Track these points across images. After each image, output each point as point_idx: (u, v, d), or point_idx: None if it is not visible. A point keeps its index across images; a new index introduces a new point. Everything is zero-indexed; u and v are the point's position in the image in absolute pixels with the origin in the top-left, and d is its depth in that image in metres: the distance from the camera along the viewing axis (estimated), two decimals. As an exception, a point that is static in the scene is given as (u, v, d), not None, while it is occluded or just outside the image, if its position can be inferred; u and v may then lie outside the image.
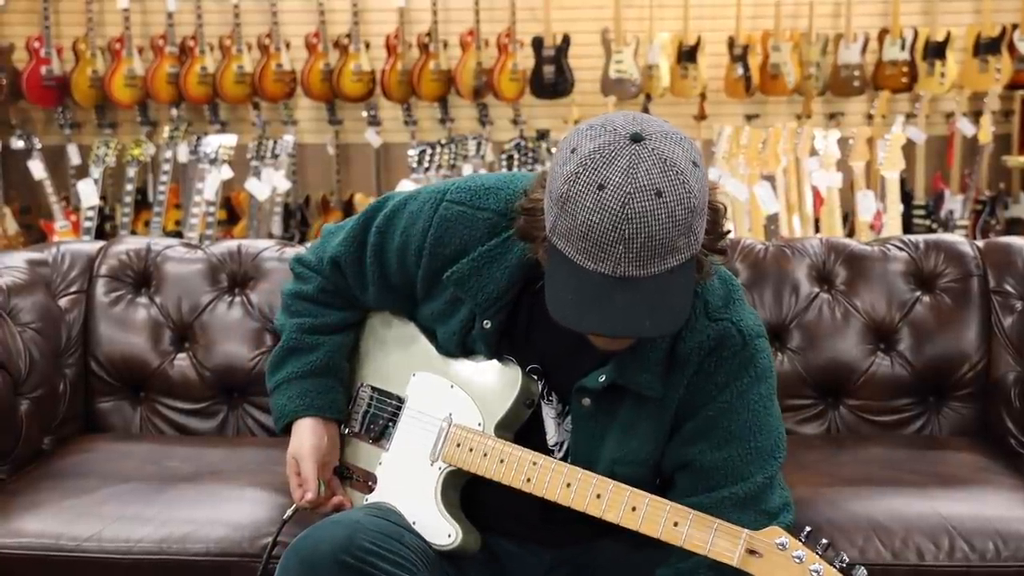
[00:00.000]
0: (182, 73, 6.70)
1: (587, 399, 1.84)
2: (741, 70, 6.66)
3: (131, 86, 6.74)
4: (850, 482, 2.36)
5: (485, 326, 1.87)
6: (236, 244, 2.88)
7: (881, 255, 2.78)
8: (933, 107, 6.82)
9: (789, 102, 6.88)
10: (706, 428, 1.81)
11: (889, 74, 6.65)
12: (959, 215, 6.51)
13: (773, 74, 6.66)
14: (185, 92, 6.71)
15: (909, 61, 6.61)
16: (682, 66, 6.68)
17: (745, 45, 6.66)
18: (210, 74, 6.72)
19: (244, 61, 6.72)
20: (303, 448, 2.01)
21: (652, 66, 6.68)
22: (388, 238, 1.96)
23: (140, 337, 2.79)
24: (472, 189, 1.90)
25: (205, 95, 6.74)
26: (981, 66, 6.59)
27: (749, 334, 1.81)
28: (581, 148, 1.59)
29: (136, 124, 6.89)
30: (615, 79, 6.69)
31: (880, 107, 6.64)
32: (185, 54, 6.75)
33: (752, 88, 6.69)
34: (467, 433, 1.91)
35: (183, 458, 2.53)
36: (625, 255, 1.55)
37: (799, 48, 6.66)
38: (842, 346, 2.72)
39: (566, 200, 1.57)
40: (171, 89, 6.73)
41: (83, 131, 6.94)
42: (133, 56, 6.74)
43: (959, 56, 6.65)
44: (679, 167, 1.57)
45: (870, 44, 6.66)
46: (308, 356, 2.06)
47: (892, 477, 2.39)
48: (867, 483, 2.36)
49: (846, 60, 6.62)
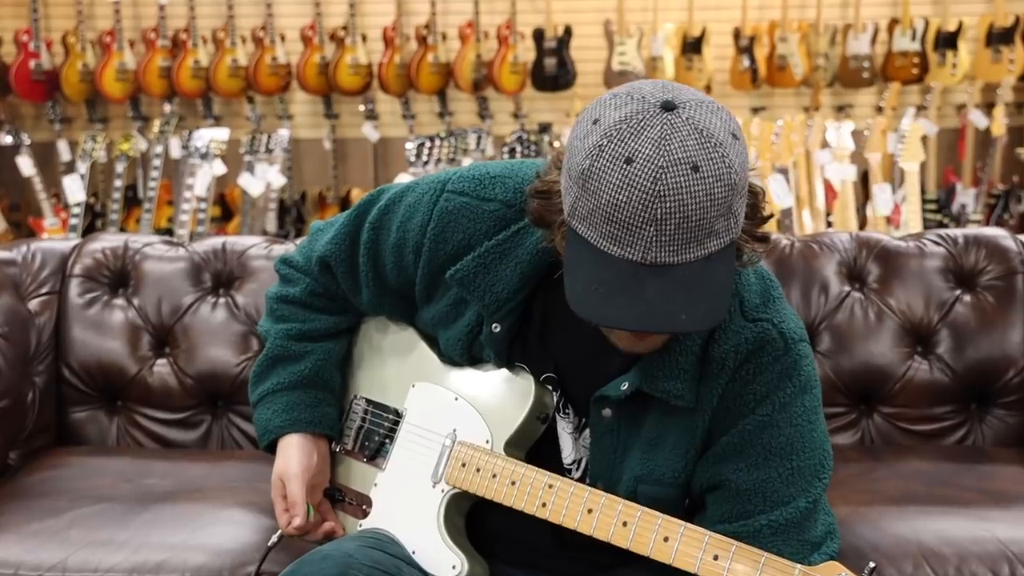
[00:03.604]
0: (174, 67, 6.64)
1: (608, 409, 1.66)
2: (747, 62, 6.59)
3: (122, 80, 6.66)
4: (893, 500, 2.20)
5: (494, 330, 1.70)
6: (220, 241, 2.74)
7: (917, 251, 2.65)
8: (944, 99, 6.77)
9: (796, 94, 6.82)
10: (742, 444, 1.62)
11: (899, 65, 6.58)
12: (972, 209, 6.46)
13: (780, 66, 6.59)
14: (178, 86, 6.65)
15: (920, 52, 6.55)
16: (687, 58, 6.62)
17: (751, 36, 6.60)
18: (203, 67, 6.66)
19: (238, 54, 6.67)
20: (290, 468, 1.84)
21: (656, 58, 6.61)
22: (383, 235, 1.80)
23: (117, 342, 2.65)
24: (476, 178, 1.73)
25: (198, 89, 6.69)
26: (994, 56, 6.51)
27: (791, 338, 1.64)
28: (605, 118, 1.41)
29: (128, 119, 6.83)
30: (618, 71, 6.62)
31: (890, 99, 6.57)
32: (177, 47, 6.69)
33: (759, 80, 6.64)
34: (473, 451, 1.74)
35: (161, 474, 2.37)
36: (657, 238, 1.37)
37: (807, 39, 6.60)
38: (876, 349, 2.57)
39: (588, 177, 1.39)
40: (163, 83, 6.67)
41: (73, 126, 6.87)
42: (124, 49, 6.67)
43: (971, 46, 6.57)
44: (718, 138, 1.39)
45: (880, 35, 6.59)
46: (295, 365, 1.90)
47: (939, 495, 2.23)
48: (912, 501, 2.19)
49: (855, 51, 6.56)
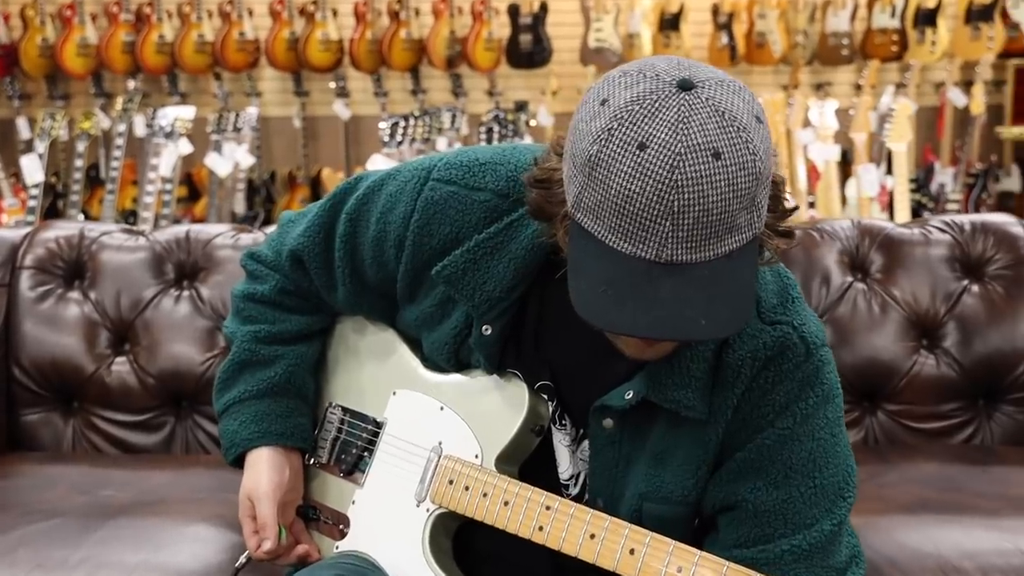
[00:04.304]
0: (138, 42, 6.47)
1: (609, 420, 1.52)
2: (726, 39, 6.52)
3: (84, 55, 6.49)
4: (906, 508, 2.07)
5: (484, 332, 1.55)
6: (184, 230, 2.58)
7: (922, 239, 2.52)
8: (923, 76, 6.72)
9: (775, 72, 6.76)
10: (760, 461, 1.48)
11: (879, 42, 6.53)
12: (950, 189, 6.40)
13: (759, 43, 6.52)
14: (142, 62, 6.49)
15: (899, 29, 6.49)
16: (664, 34, 6.53)
17: (730, 13, 6.53)
18: (168, 43, 6.50)
19: (204, 29, 6.51)
20: (260, 486, 1.68)
21: (633, 35, 6.51)
22: (361, 227, 1.64)
23: (72, 338, 2.50)
24: (465, 165, 1.57)
25: (163, 65, 6.53)
26: (973, 34, 6.46)
27: (813, 342, 1.48)
28: (615, 98, 1.25)
29: (90, 96, 6.65)
30: (595, 48, 6.53)
31: (869, 77, 6.50)
32: (141, 21, 6.51)
33: (737, 58, 6.57)
34: (461, 467, 1.58)
35: (121, 484, 2.21)
36: (673, 234, 1.22)
37: (785, 16, 6.54)
38: (880, 343, 2.45)
39: (596, 164, 1.24)
40: (127, 59, 6.51)
41: (33, 103, 6.70)
42: (86, 23, 6.49)
43: (950, 24, 6.53)
44: (741, 122, 1.24)
45: (859, 11, 6.54)
46: (264, 371, 1.73)
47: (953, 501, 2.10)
48: (925, 509, 2.06)
49: (834, 28, 6.51)
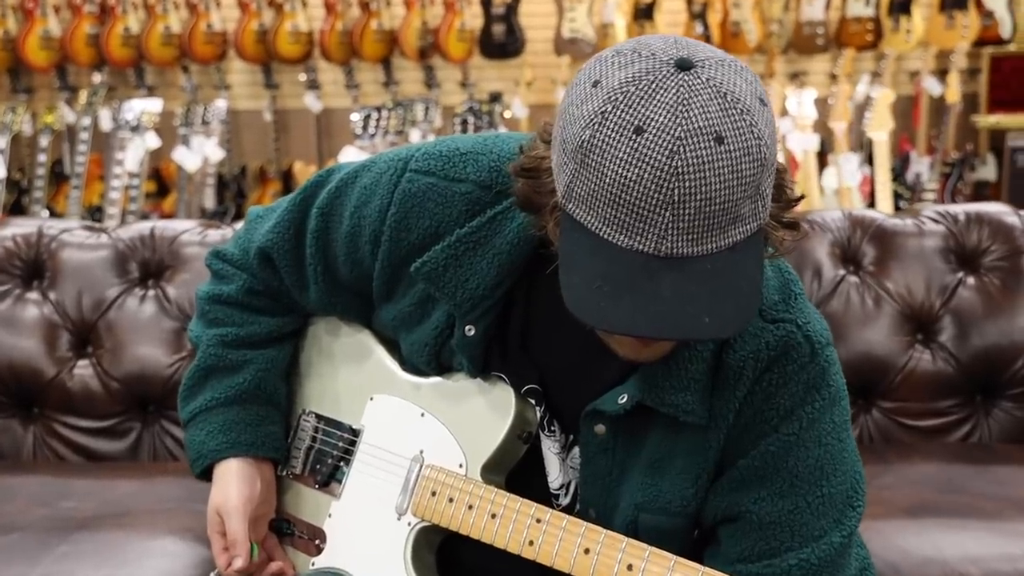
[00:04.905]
0: (103, 34, 6.36)
1: (601, 425, 1.43)
2: (700, 28, 6.46)
3: (47, 48, 6.37)
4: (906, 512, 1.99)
5: (467, 333, 1.46)
6: (148, 227, 2.48)
7: (915, 229, 2.45)
8: (899, 65, 6.68)
9: (751, 61, 6.67)
10: (765, 469, 1.39)
11: (853, 31, 6.48)
12: (927, 178, 6.37)
13: (734, 32, 6.47)
14: (107, 55, 6.37)
15: (874, 17, 6.45)
16: (639, 24, 6.48)
17: (704, 2, 6.48)
18: (134, 35, 6.39)
19: (171, 21, 6.40)
20: (229, 499, 1.59)
21: (607, 24, 6.44)
22: (334, 222, 1.55)
23: (31, 341, 2.40)
24: (444, 155, 1.49)
25: (129, 58, 6.41)
26: (948, 22, 6.43)
27: (819, 341, 1.40)
28: (608, 79, 1.17)
29: (54, 90, 6.53)
30: (568, 38, 6.45)
31: (844, 66, 6.46)
32: (106, 13, 6.40)
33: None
34: (445, 477, 1.50)
35: (83, 494, 2.11)
36: (673, 225, 1.15)
37: (760, 5, 6.49)
38: (874, 338, 2.37)
39: (588, 150, 1.16)
40: (91, 51, 6.39)
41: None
42: (48, 15, 6.37)
43: (925, 12, 6.50)
44: (744, 104, 1.16)
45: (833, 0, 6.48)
46: (232, 377, 1.64)
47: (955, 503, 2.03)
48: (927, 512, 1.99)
49: (809, 17, 6.47)
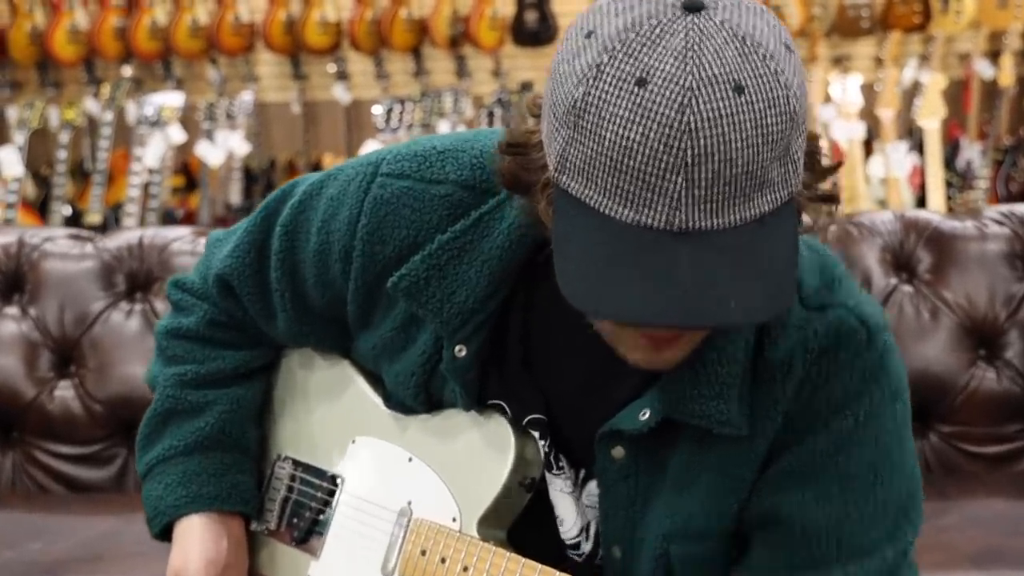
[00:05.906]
0: (130, 26, 6.28)
1: (620, 448, 1.24)
2: (741, 11, 6.26)
3: (74, 42, 6.29)
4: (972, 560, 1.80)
5: (458, 354, 1.28)
6: (137, 235, 2.40)
7: (976, 232, 2.27)
8: (948, 48, 6.46)
9: (793, 45, 6.50)
10: (811, 469, 1.20)
11: (900, 13, 6.26)
12: (979, 165, 6.15)
13: (775, 15, 6.27)
14: (134, 48, 6.29)
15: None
16: (676, 8, 6.28)
17: (744, -16, 6.27)
18: (161, 27, 6.30)
19: (198, 12, 6.31)
20: (190, 563, 1.43)
21: (643, 9, 6.26)
22: (300, 240, 1.38)
23: (9, 359, 2.34)
24: (419, 155, 1.31)
25: (157, 50, 6.34)
26: (1000, 1, 6.19)
27: (875, 326, 1.20)
28: (603, 28, 0.99)
29: (82, 84, 6.45)
30: (603, 24, 6.27)
31: (891, 49, 6.25)
32: (133, 6, 6.33)
33: None
34: (436, 533, 1.32)
35: (55, 533, 2.00)
36: (688, 192, 0.96)
37: (802, -14, 6.32)
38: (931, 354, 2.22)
39: (583, 110, 0.98)
40: (119, 45, 6.31)
41: (24, 92, 6.51)
42: (75, 8, 6.30)
43: (976, -9, 6.30)
44: (767, 48, 0.97)
45: (878, -20, 6.31)
46: (193, 421, 1.47)
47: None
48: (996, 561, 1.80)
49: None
